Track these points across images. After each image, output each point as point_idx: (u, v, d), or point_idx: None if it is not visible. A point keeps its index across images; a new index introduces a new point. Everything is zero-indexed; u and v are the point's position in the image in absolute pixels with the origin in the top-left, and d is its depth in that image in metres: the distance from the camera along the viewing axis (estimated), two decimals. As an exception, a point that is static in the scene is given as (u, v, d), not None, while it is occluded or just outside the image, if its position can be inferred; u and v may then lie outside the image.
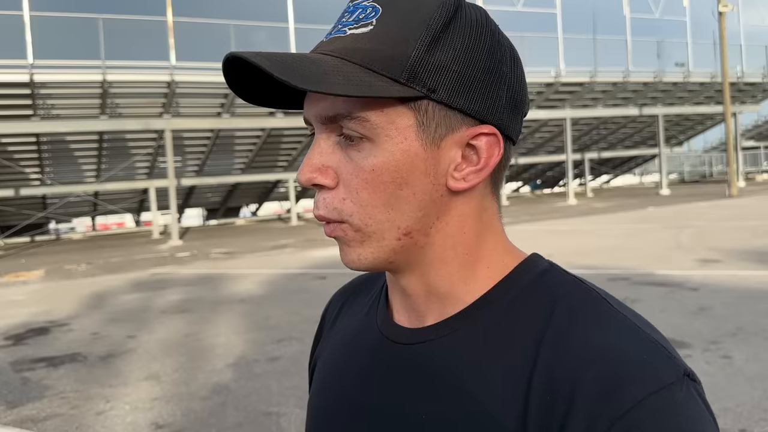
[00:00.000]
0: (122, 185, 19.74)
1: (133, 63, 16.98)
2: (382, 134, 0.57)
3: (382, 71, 0.56)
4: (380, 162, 0.58)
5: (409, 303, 0.66)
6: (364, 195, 0.59)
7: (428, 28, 0.57)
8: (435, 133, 0.58)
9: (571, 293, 0.61)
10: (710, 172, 34.03)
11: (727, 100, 22.51)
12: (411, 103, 0.57)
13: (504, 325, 0.60)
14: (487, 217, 0.64)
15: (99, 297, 9.05)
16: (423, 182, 0.59)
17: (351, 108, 0.57)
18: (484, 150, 0.59)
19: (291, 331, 6.22)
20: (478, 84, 0.58)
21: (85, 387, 4.93)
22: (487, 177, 0.61)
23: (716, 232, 11.80)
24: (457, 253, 0.63)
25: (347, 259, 0.63)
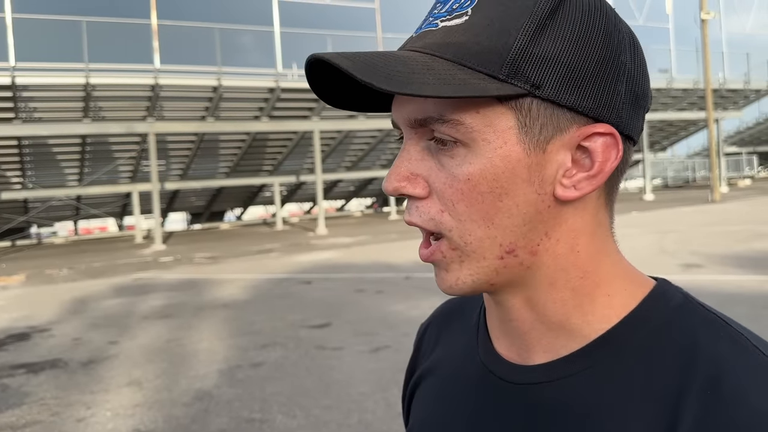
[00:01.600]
0: (105, 189, 19.60)
1: (116, 66, 16.89)
2: (478, 138, 0.50)
3: (478, 67, 0.49)
4: (477, 170, 0.51)
5: (512, 330, 0.58)
6: (461, 208, 0.52)
7: (532, 15, 0.49)
8: (540, 134, 0.51)
9: (716, 337, 0.51)
10: (693, 178, 34.34)
11: (709, 106, 22.75)
12: (511, 102, 0.50)
13: (634, 372, 0.52)
14: (603, 234, 0.56)
15: (81, 302, 8.96)
16: (526, 192, 0.51)
17: (443, 110, 0.51)
18: (599, 153, 0.51)
19: (274, 337, 6.19)
20: (591, 77, 0.50)
21: (66, 393, 4.87)
22: (601, 184, 0.53)
23: (699, 237, 11.91)
24: (569, 276, 0.55)
25: (444, 285, 0.55)
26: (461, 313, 0.72)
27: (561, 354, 0.56)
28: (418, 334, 0.78)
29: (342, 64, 0.48)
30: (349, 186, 27.46)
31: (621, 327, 0.54)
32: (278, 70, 18.18)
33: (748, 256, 9.17)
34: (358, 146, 23.15)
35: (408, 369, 0.77)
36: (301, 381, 4.80)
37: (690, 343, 0.51)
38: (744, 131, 34.76)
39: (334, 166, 24.02)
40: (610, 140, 0.51)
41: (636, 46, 0.54)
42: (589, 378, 0.53)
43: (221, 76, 17.39)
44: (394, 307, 7.15)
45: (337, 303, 7.74)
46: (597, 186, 0.52)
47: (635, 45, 0.54)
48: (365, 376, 4.77)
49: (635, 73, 0.53)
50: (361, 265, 11.06)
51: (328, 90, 0.57)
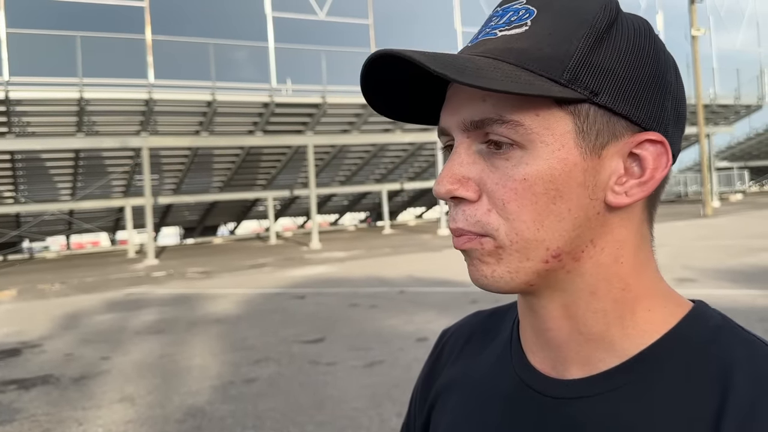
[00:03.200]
0: (98, 203, 19.56)
1: (110, 81, 16.89)
2: (537, 140, 0.51)
3: (540, 71, 0.51)
4: (534, 171, 0.51)
5: (548, 341, 0.58)
6: (513, 207, 0.52)
7: (592, 27, 0.52)
8: (596, 140, 0.52)
9: (752, 358, 0.52)
10: (685, 192, 34.51)
11: (701, 121, 22.91)
12: (570, 107, 0.51)
13: (675, 390, 0.52)
14: (646, 248, 0.57)
15: (72, 317, 8.90)
16: (580, 196, 0.52)
17: (502, 111, 0.51)
18: (650, 160, 0.53)
19: (268, 352, 6.16)
20: (644, 90, 0.52)
21: (57, 410, 4.82)
22: (651, 192, 0.54)
23: (691, 252, 11.94)
24: (611, 286, 0.55)
25: (477, 274, 0.55)
26: (490, 327, 0.72)
27: (599, 368, 0.56)
28: (440, 340, 0.77)
29: (415, 56, 0.49)
30: (342, 200, 27.48)
31: (662, 344, 0.54)
32: (272, 85, 18.22)
33: (741, 270, 9.20)
34: (352, 161, 23.18)
35: (426, 373, 0.75)
36: (294, 397, 4.77)
37: (729, 363, 0.51)
38: (735, 146, 35.00)
39: (328, 181, 24.05)
40: (661, 148, 0.53)
41: (678, 71, 0.57)
42: (629, 394, 0.53)
43: (215, 91, 17.42)
44: (389, 322, 7.13)
45: (330, 318, 7.71)
46: (647, 193, 0.53)
47: (677, 70, 0.57)
48: (359, 392, 4.75)
49: (678, 93, 0.56)
50: (355, 280, 11.04)
51: (379, 96, 0.59)
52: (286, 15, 19.04)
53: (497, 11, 0.57)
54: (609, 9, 0.53)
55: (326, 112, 19.17)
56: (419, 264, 12.20)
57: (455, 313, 7.06)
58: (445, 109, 0.57)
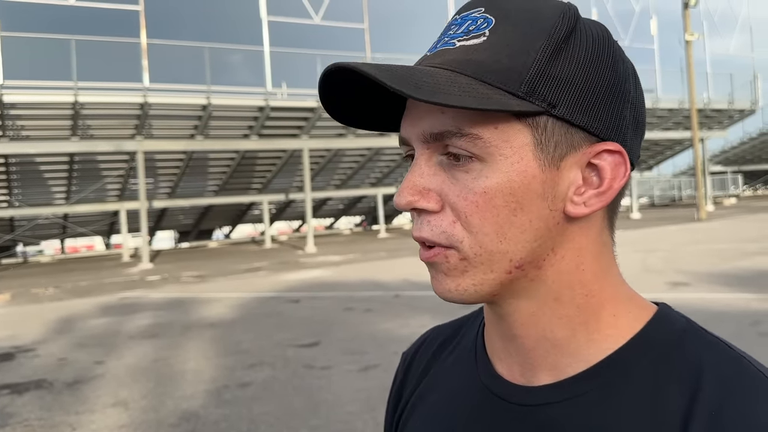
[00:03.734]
0: (92, 207, 19.50)
1: (105, 84, 16.85)
2: (495, 153, 0.51)
3: (498, 84, 0.51)
4: (493, 184, 0.52)
5: (516, 348, 0.58)
6: (475, 220, 0.52)
7: (550, 37, 0.51)
8: (555, 152, 0.52)
9: (719, 363, 0.52)
10: (679, 196, 34.63)
11: (695, 126, 22.99)
12: (528, 120, 0.52)
13: (643, 394, 0.52)
14: (607, 254, 0.57)
15: (66, 321, 8.87)
16: (540, 207, 0.53)
17: (461, 124, 0.51)
18: (608, 170, 0.53)
19: (262, 356, 6.15)
20: (602, 99, 0.52)
21: (51, 414, 4.81)
22: (609, 201, 0.54)
23: (685, 256, 11.98)
24: (574, 293, 0.55)
25: (442, 288, 0.55)
26: (453, 338, 0.72)
27: (567, 373, 0.56)
28: (403, 362, 0.77)
29: (371, 71, 0.49)
30: (338, 204, 27.46)
31: (628, 348, 0.55)
32: (268, 89, 18.21)
33: (735, 274, 9.23)
34: (348, 165, 23.18)
35: (392, 397, 0.75)
36: (289, 401, 4.76)
37: (696, 367, 0.52)
38: (729, 150, 35.15)
39: (324, 185, 24.03)
40: (619, 158, 0.53)
41: (637, 77, 0.57)
42: (597, 399, 0.54)
43: (211, 95, 17.40)
44: (383, 326, 7.13)
45: (325, 322, 7.71)
46: (606, 203, 0.54)
47: (636, 77, 0.57)
48: (354, 396, 4.75)
49: (637, 101, 0.56)
50: (350, 284, 11.03)
51: (338, 104, 0.59)
52: (282, 19, 19.05)
53: (456, 19, 0.56)
54: (568, 17, 0.53)
55: (321, 116, 19.16)
56: (414, 268, 12.20)
57: (449, 316, 7.01)
58: (405, 119, 0.56)
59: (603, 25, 0.56)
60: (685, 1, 22.62)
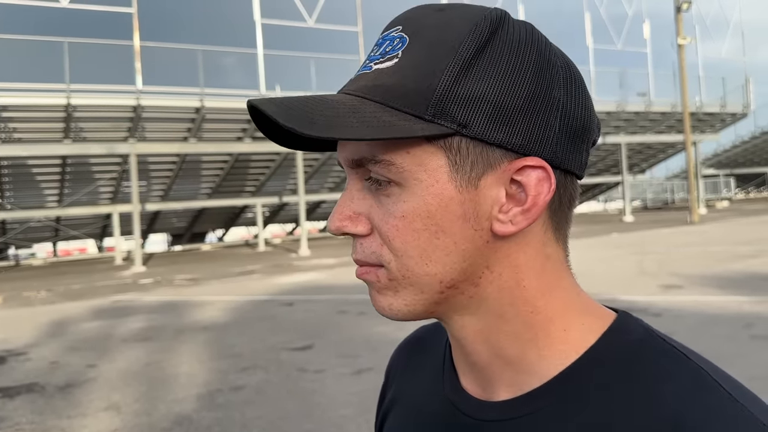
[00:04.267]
0: (85, 210, 19.43)
1: (98, 87, 16.81)
2: (410, 177, 0.51)
3: (404, 108, 0.50)
4: (410, 208, 0.51)
5: (472, 364, 0.58)
6: (397, 243, 0.52)
7: (457, 55, 0.50)
8: (471, 172, 0.51)
9: (677, 374, 0.50)
10: (672, 199, 34.74)
11: (687, 129, 23.09)
12: (440, 142, 0.50)
13: (597, 411, 0.51)
14: (552, 267, 0.55)
15: (59, 325, 8.83)
16: (463, 228, 0.51)
17: (375, 151, 0.51)
18: (531, 186, 0.51)
19: (255, 360, 6.13)
20: (519, 113, 0.50)
21: (42, 418, 4.78)
22: (537, 218, 0.52)
23: (678, 258, 12.01)
24: (518, 310, 0.54)
25: (377, 306, 0.56)
26: (429, 343, 0.71)
27: (524, 390, 0.55)
28: (390, 361, 0.77)
29: (268, 110, 0.49)
30: (332, 207, 27.43)
31: (581, 363, 0.53)
32: (262, 92, 18.21)
33: (728, 276, 9.26)
34: (341, 168, 23.16)
35: (380, 395, 0.76)
36: (282, 404, 4.75)
37: (651, 380, 0.50)
38: (721, 154, 35.31)
39: (317, 187, 24.03)
40: (542, 173, 0.51)
41: (573, 80, 0.54)
42: (551, 416, 0.52)
43: (204, 98, 17.38)
44: (377, 329, 7.12)
45: (319, 325, 7.69)
46: (533, 220, 0.52)
47: (572, 78, 0.54)
48: (348, 399, 4.73)
49: (571, 106, 0.53)
50: (344, 287, 11.02)
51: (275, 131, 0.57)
52: (275, 22, 19.06)
53: (378, 40, 0.55)
54: (480, 30, 0.51)
55: (315, 118, 19.14)
56: (408, 271, 12.17)
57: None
58: (338, 144, 0.56)
59: (529, 25, 0.54)
60: (678, 5, 22.73)
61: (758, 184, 41.62)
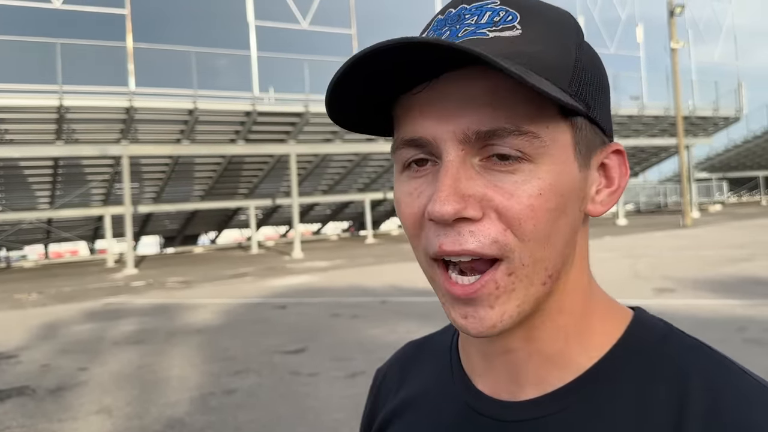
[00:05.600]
0: (77, 212, 19.35)
1: (91, 88, 16.74)
2: (546, 153, 0.48)
3: (551, 79, 0.48)
4: (548, 185, 0.48)
5: (503, 364, 0.55)
6: (529, 226, 0.48)
7: (579, 37, 0.52)
8: (586, 152, 0.51)
9: (703, 365, 0.50)
10: (665, 203, 34.87)
11: (680, 133, 23.19)
12: (571, 120, 0.50)
13: (628, 404, 0.50)
14: (587, 258, 0.56)
15: (50, 327, 8.78)
16: (575, 209, 0.51)
17: (519, 121, 0.47)
18: (617, 168, 0.53)
19: (248, 363, 6.10)
20: (607, 100, 0.54)
21: (33, 422, 4.74)
22: (617, 201, 0.54)
23: (671, 262, 12.05)
24: (575, 301, 0.53)
25: (483, 326, 0.49)
26: (426, 355, 0.69)
27: (553, 386, 0.54)
28: (375, 380, 0.74)
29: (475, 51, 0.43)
30: (325, 209, 27.42)
31: (609, 358, 0.53)
32: (255, 94, 18.18)
33: (720, 280, 9.29)
34: (335, 170, 23.16)
35: (366, 416, 0.73)
36: (275, 408, 4.73)
37: (681, 373, 0.50)
38: (714, 157, 35.47)
39: (311, 190, 24.00)
40: (622, 158, 0.54)
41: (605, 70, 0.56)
42: (581, 413, 0.52)
43: (197, 99, 17.34)
44: (371, 332, 7.11)
45: (312, 328, 7.67)
46: (615, 201, 0.54)
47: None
48: (341, 402, 4.72)
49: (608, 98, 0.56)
50: (337, 290, 11.00)
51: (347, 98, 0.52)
52: (269, 24, 19.04)
53: (464, 9, 0.51)
54: (576, 20, 0.53)
55: (309, 121, 19.14)
56: (402, 274, 12.19)
57: (437, 322, 7.03)
58: (426, 116, 0.49)
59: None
60: (671, 9, 22.84)
61: (751, 188, 41.82)
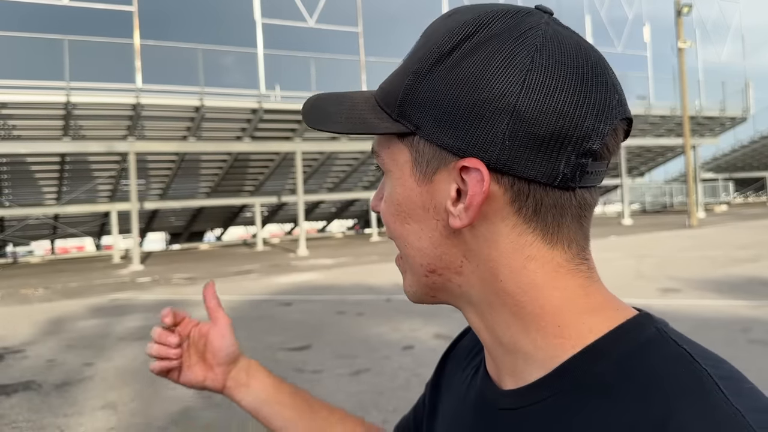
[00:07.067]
0: (83, 208, 19.41)
1: (98, 85, 16.80)
2: (387, 169, 0.59)
3: (384, 107, 0.57)
4: (387, 195, 0.60)
5: (485, 348, 0.62)
6: (385, 223, 0.61)
7: (424, 59, 0.54)
8: (427, 167, 0.56)
9: (675, 376, 0.49)
10: (671, 203, 34.75)
11: (687, 133, 23.11)
12: (406, 140, 0.57)
13: (591, 407, 0.51)
14: (538, 268, 0.54)
15: (56, 323, 8.82)
16: (425, 217, 0.57)
17: (375, 144, 0.60)
18: (469, 185, 0.53)
19: (253, 359, 6.11)
20: (462, 118, 0.52)
21: (39, 416, 4.77)
22: (476, 216, 0.53)
23: (677, 262, 12.02)
24: (503, 301, 0.56)
25: (404, 291, 0.64)
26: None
27: (525, 380, 0.56)
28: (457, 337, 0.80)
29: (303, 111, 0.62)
30: (330, 207, 27.45)
31: (579, 358, 0.53)
32: (261, 92, 18.21)
33: (725, 281, 9.27)
34: (340, 168, 23.18)
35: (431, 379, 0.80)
36: (279, 404, 4.73)
37: (647, 380, 0.49)
38: (720, 158, 35.35)
39: (316, 187, 24.02)
40: (478, 175, 0.52)
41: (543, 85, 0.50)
42: (548, 409, 0.53)
43: (204, 97, 17.37)
44: (375, 330, 7.12)
45: (317, 325, 7.69)
46: (471, 218, 0.53)
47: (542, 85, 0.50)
48: (345, 400, 4.73)
49: (531, 114, 0.50)
50: (342, 287, 11.02)
51: None
52: (276, 21, 19.05)
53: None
54: (454, 35, 0.53)
55: (315, 119, 19.14)
56: (406, 272, 12.17)
57: (441, 321, 7.05)
58: None
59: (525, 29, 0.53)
60: (679, 8, 22.76)
61: (757, 189, 41.67)
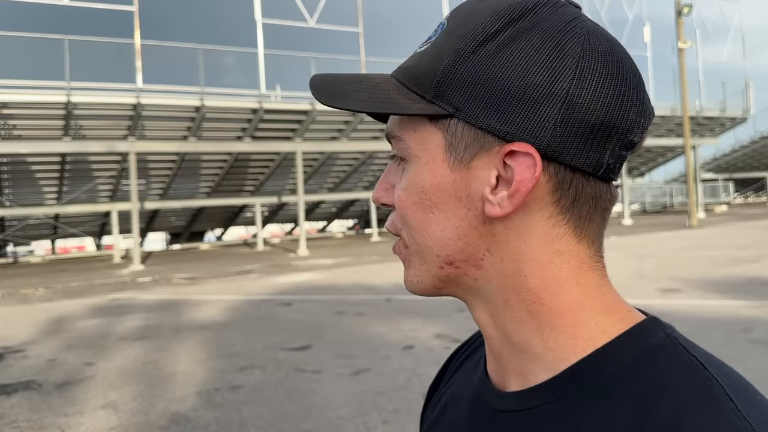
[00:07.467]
0: (84, 208, 19.41)
1: (98, 85, 16.80)
2: (412, 154, 0.55)
3: (414, 88, 0.54)
4: (409, 182, 0.56)
5: (490, 349, 0.59)
6: (402, 214, 0.57)
7: (467, 39, 0.52)
8: (464, 152, 0.52)
9: (685, 383, 0.48)
10: (671, 203, 34.74)
11: (687, 133, 23.11)
12: (440, 122, 0.53)
13: (597, 410, 0.50)
14: (564, 263, 0.53)
15: (56, 322, 8.82)
16: (455, 206, 0.54)
17: (395, 128, 0.57)
18: (517, 171, 0.50)
19: (253, 359, 6.12)
20: (512, 101, 0.50)
21: (39, 416, 4.77)
22: (521, 204, 0.51)
23: (677, 262, 12.02)
24: (522, 298, 0.54)
25: (405, 282, 0.60)
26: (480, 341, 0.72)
27: (531, 382, 0.55)
28: (451, 355, 0.78)
29: (313, 82, 0.58)
30: (331, 207, 27.44)
31: (588, 361, 0.52)
32: (262, 92, 18.21)
33: (726, 281, 9.27)
34: (341, 168, 23.18)
35: (430, 387, 0.78)
36: (280, 404, 4.75)
37: (656, 386, 0.48)
38: (720, 158, 35.34)
39: (317, 188, 24.02)
40: (528, 160, 0.50)
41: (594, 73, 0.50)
42: (554, 412, 0.52)
43: (204, 97, 17.37)
44: (375, 330, 7.12)
45: (317, 325, 7.69)
46: (517, 205, 0.51)
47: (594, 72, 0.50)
48: (345, 400, 4.73)
49: (583, 101, 0.49)
50: (342, 287, 11.02)
51: None
52: (276, 21, 19.05)
53: (442, 22, 0.58)
54: (499, 17, 0.51)
55: (315, 119, 19.16)
56: (406, 272, 12.16)
57: (442, 321, 7.05)
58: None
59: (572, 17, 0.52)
60: (679, 9, 22.76)
61: (757, 189, 41.65)
